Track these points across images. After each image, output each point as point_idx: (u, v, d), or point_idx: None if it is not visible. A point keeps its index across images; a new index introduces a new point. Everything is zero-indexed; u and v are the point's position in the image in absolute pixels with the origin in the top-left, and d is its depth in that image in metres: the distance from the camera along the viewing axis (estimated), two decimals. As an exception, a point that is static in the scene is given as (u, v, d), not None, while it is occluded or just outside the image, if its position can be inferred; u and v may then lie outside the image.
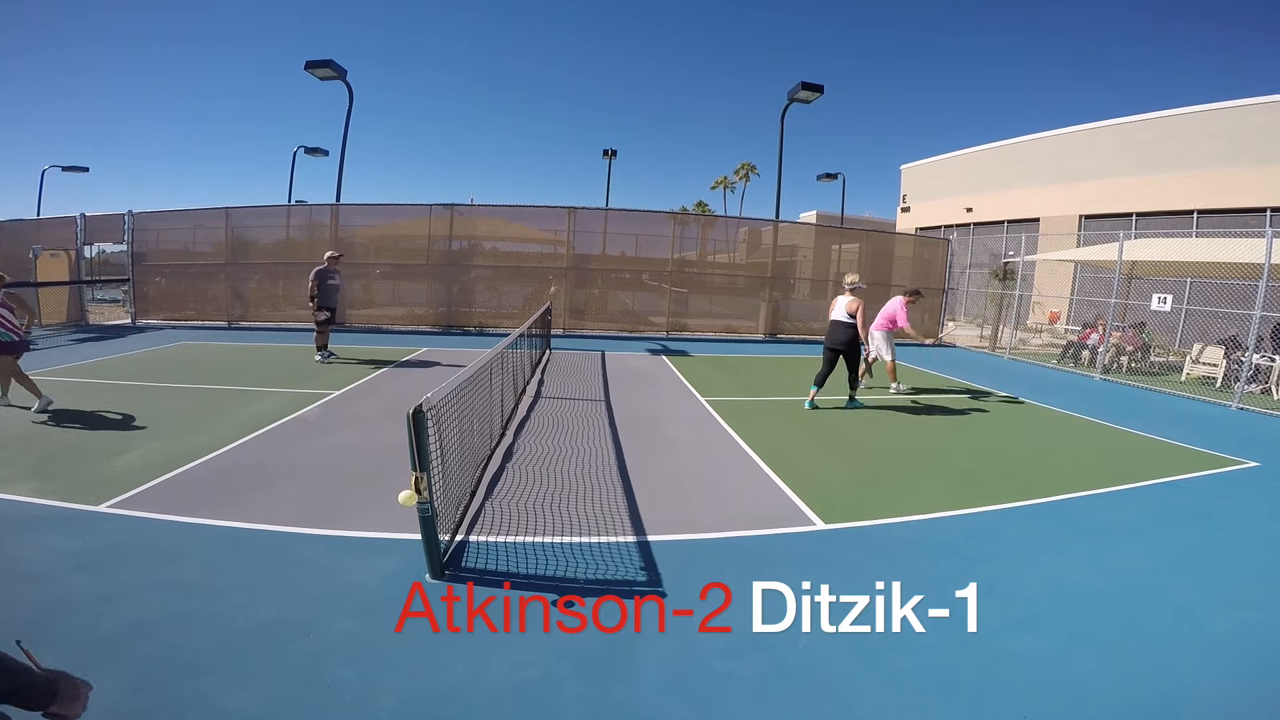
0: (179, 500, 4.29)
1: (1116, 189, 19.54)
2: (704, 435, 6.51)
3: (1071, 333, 15.79)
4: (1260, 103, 16.19)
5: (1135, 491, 5.33)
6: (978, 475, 5.63)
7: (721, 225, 21.52)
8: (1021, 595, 3.52)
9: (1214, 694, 2.71)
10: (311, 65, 14.65)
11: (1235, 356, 11.07)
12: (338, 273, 10.00)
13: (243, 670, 2.62)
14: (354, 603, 3.15)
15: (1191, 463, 6.21)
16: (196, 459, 5.09)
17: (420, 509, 3.17)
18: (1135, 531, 4.47)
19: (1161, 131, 18.48)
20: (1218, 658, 2.96)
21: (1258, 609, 3.44)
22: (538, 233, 15.21)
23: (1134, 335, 13.19)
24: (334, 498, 4.45)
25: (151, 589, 3.21)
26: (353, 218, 14.79)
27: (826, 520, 4.40)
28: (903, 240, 19.42)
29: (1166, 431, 7.42)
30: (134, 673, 2.56)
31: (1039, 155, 22.59)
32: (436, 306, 14.58)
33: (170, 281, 14.46)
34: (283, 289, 14.36)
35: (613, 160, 28.26)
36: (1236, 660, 2.95)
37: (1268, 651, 3.03)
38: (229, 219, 14.07)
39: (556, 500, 4.52)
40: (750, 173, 50.53)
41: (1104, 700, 2.63)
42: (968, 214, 25.14)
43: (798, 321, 16.51)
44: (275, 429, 6.05)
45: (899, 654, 2.90)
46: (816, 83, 15.16)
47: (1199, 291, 13.88)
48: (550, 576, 3.48)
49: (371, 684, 2.56)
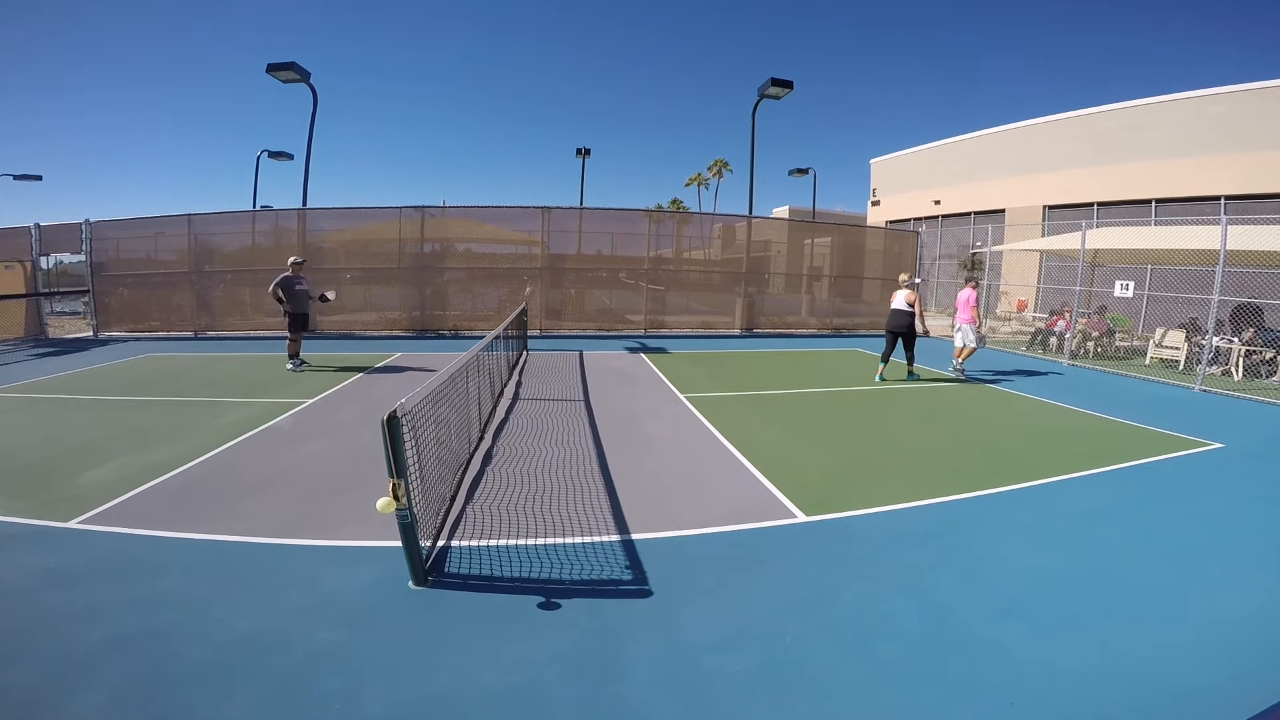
0: (151, 514, 4.19)
1: (1078, 179, 20.02)
2: (684, 432, 6.52)
3: (1039, 320, 16.16)
4: (1215, 94, 16.70)
5: (1106, 475, 5.46)
6: (953, 463, 5.72)
7: (697, 222, 21.60)
8: (1001, 582, 3.58)
9: (1191, 675, 2.79)
10: (274, 68, 14.34)
11: (1196, 340, 11.42)
12: (304, 278, 9.81)
13: (227, 683, 2.57)
14: (336, 612, 3.10)
15: (1159, 445, 6.39)
16: (168, 472, 4.96)
17: (399, 516, 3.13)
18: (1108, 515, 4.58)
19: (1120, 122, 18.97)
20: (1193, 639, 3.03)
21: (1229, 590, 3.54)
22: (511, 233, 15.10)
23: (1099, 321, 13.53)
24: (311, 507, 4.37)
25: (128, 604, 3.13)
26: (320, 222, 14.52)
27: (808, 513, 4.44)
28: (873, 233, 19.67)
29: (1133, 415, 7.62)
30: (115, 688, 2.50)
31: (1003, 148, 23.06)
32: (410, 310, 14.41)
33: (133, 292, 14.05)
34: (250, 296, 14.07)
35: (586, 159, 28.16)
36: (1211, 641, 3.03)
37: (1241, 632, 3.11)
38: (192, 226, 13.72)
39: (539, 502, 4.50)
40: (724, 169, 50.73)
41: (1087, 685, 2.68)
42: (936, 206, 25.57)
43: (773, 316, 16.64)
44: (248, 439, 5.92)
45: (885, 644, 2.94)
46: (786, 79, 15.24)
47: (1160, 277, 14.32)
48: (536, 578, 3.46)
49: (359, 692, 2.52)
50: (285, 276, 9.53)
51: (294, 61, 14.29)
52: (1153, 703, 2.57)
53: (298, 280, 9.61)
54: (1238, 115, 16.01)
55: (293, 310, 9.48)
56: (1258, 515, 4.64)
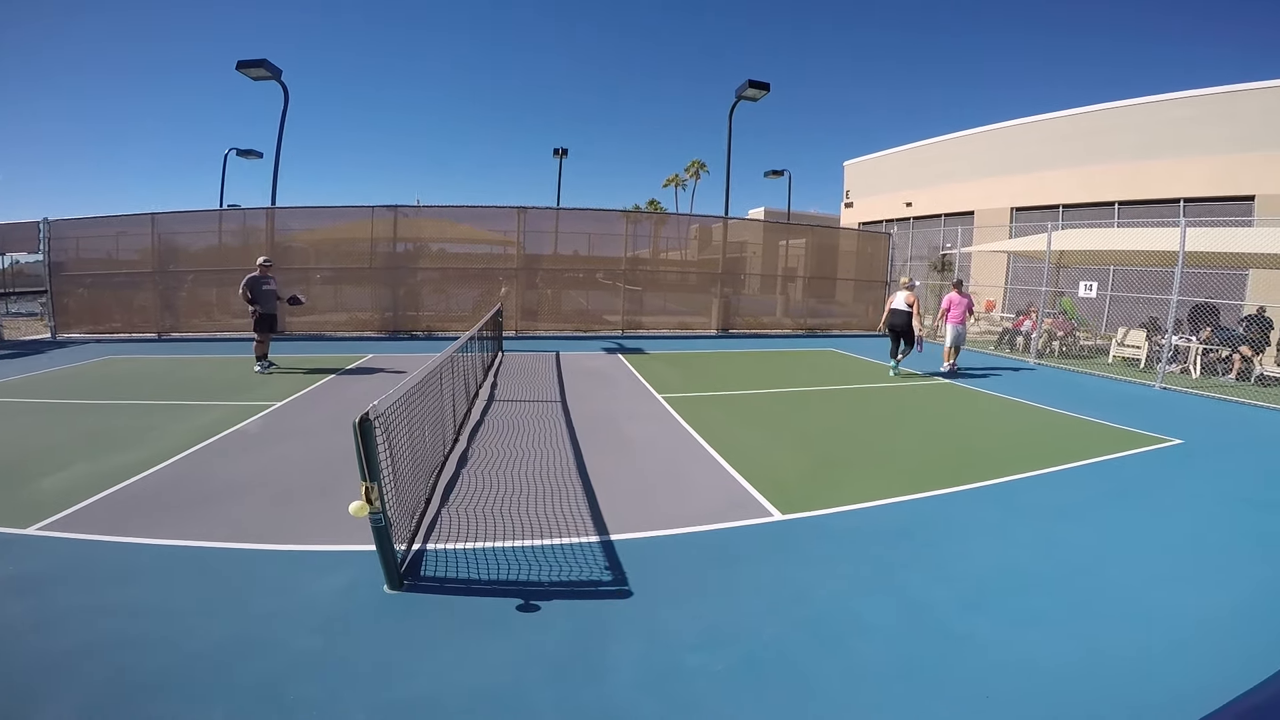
0: (116, 520, 4.06)
1: (1045, 181, 20.48)
2: (662, 432, 6.53)
3: (1006, 320, 16.51)
4: (1175, 98, 17.19)
5: (1071, 472, 5.60)
6: (924, 461, 5.81)
7: (674, 223, 21.66)
8: (972, 578, 3.65)
9: (1155, 668, 2.87)
10: (244, 65, 13.98)
11: (1156, 339, 11.78)
12: (273, 278, 9.63)
13: (201, 691, 2.51)
14: (312, 618, 3.04)
15: (1122, 442, 6.57)
16: (132, 477, 4.82)
17: (373, 519, 3.08)
18: (1073, 511, 4.70)
19: (1086, 126, 19.44)
20: (1155, 633, 3.12)
21: (1189, 585, 3.64)
22: (487, 233, 14.97)
23: (1064, 320, 13.88)
24: (282, 511, 4.28)
25: (95, 612, 3.04)
26: (290, 221, 14.23)
27: (784, 511, 4.48)
28: (847, 235, 19.92)
29: (1097, 412, 7.83)
30: (85, 697, 2.43)
31: (972, 150, 23.49)
32: (382, 311, 14.20)
33: (93, 292, 13.60)
34: (216, 297, 13.74)
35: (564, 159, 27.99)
36: (1172, 635, 3.12)
37: (1202, 626, 3.21)
38: (155, 225, 13.34)
39: (516, 504, 4.46)
40: (701, 170, 51.00)
41: (1058, 678, 2.74)
42: (907, 208, 25.95)
43: (749, 316, 16.77)
44: (215, 443, 5.78)
45: (862, 641, 2.98)
46: (763, 80, 15.36)
47: (1122, 278, 14.73)
48: (514, 581, 3.44)
49: (337, 698, 2.48)
50: (252, 276, 9.36)
51: (265, 59, 13.98)
52: (1122, 696, 2.64)
53: (265, 280, 9.44)
54: (1199, 119, 16.51)
55: (260, 310, 9.31)
56: (1216, 511, 4.80)
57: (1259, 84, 15.44)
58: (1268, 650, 2.94)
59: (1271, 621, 3.25)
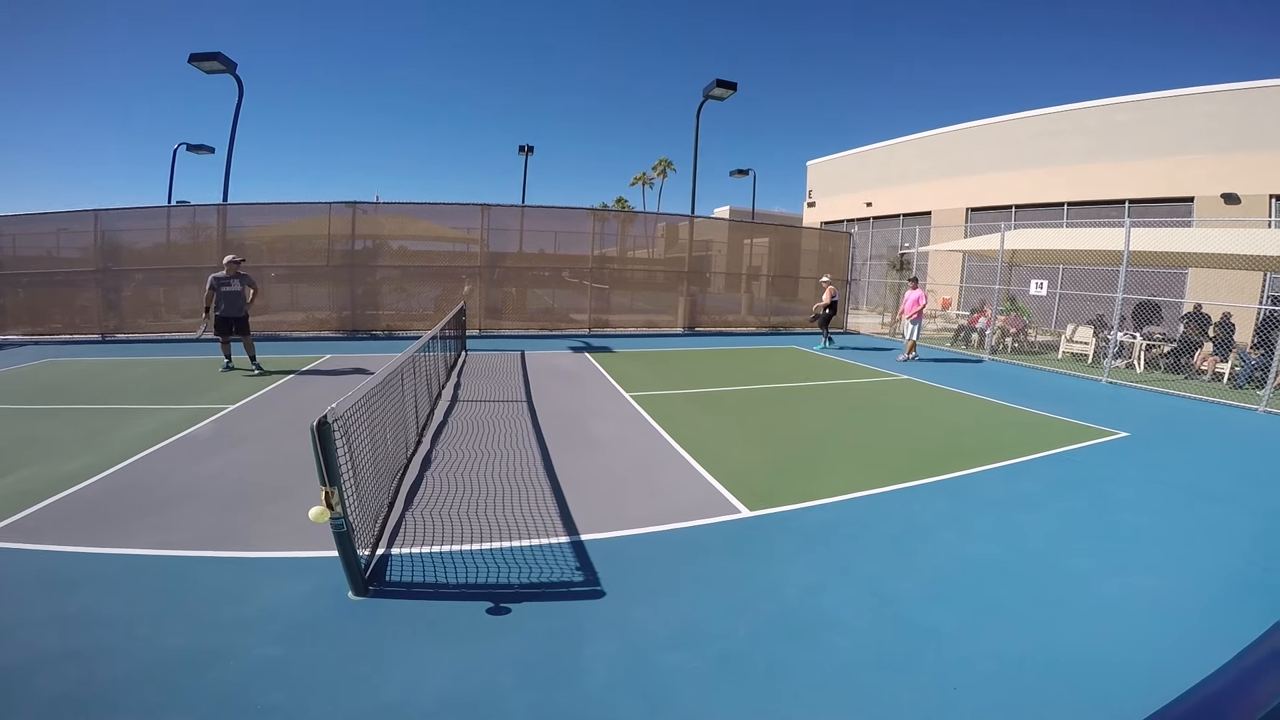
0: (61, 529, 3.87)
1: (997, 183, 21.14)
2: (630, 431, 6.52)
3: (962, 317, 16.99)
4: (1119, 102, 17.91)
5: (1025, 465, 5.78)
6: (886, 456, 5.94)
7: (641, 221, 21.67)
8: (934, 570, 3.74)
9: (1114, 655, 2.98)
10: (196, 58, 13.44)
11: (1103, 335, 12.26)
12: (236, 278, 9.25)
13: (161, 702, 2.41)
14: (273, 626, 2.94)
15: (1072, 435, 6.82)
16: (77, 484, 4.60)
17: (334, 524, 3.00)
18: (1028, 503, 4.86)
19: (1036, 129, 20.12)
20: (1112, 620, 3.24)
21: (1142, 572, 3.80)
22: (449, 231, 14.71)
23: (1017, 318, 14.35)
24: (238, 518, 4.14)
25: (41, 624, 2.90)
26: (243, 218, 13.73)
27: (751, 508, 4.52)
28: (809, 234, 20.19)
29: (1048, 406, 8.12)
30: (37, 712, 2.32)
31: (930, 152, 24.10)
32: (340, 310, 13.83)
33: (31, 292, 12.95)
34: (164, 296, 13.19)
35: (529, 157, 27.71)
36: (1129, 621, 3.24)
37: (1156, 612, 3.35)
38: (99, 222, 12.74)
39: (482, 506, 4.40)
40: (668, 169, 51.07)
41: (1021, 668, 2.83)
42: (868, 208, 26.50)
43: (714, 314, 16.88)
44: (165, 447, 5.55)
45: (831, 635, 3.02)
46: (730, 80, 15.44)
47: (1070, 276, 15.28)
48: (483, 584, 3.39)
49: (304, 707, 2.41)
50: (214, 276, 9.02)
51: (219, 51, 13.48)
52: (1084, 685, 2.74)
53: (225, 282, 9.09)
54: (1142, 123, 17.23)
55: (219, 313, 8.98)
56: (1161, 499, 5.02)
57: (1199, 89, 16.20)
58: (1224, 636, 3.06)
59: (1225, 607, 3.40)
